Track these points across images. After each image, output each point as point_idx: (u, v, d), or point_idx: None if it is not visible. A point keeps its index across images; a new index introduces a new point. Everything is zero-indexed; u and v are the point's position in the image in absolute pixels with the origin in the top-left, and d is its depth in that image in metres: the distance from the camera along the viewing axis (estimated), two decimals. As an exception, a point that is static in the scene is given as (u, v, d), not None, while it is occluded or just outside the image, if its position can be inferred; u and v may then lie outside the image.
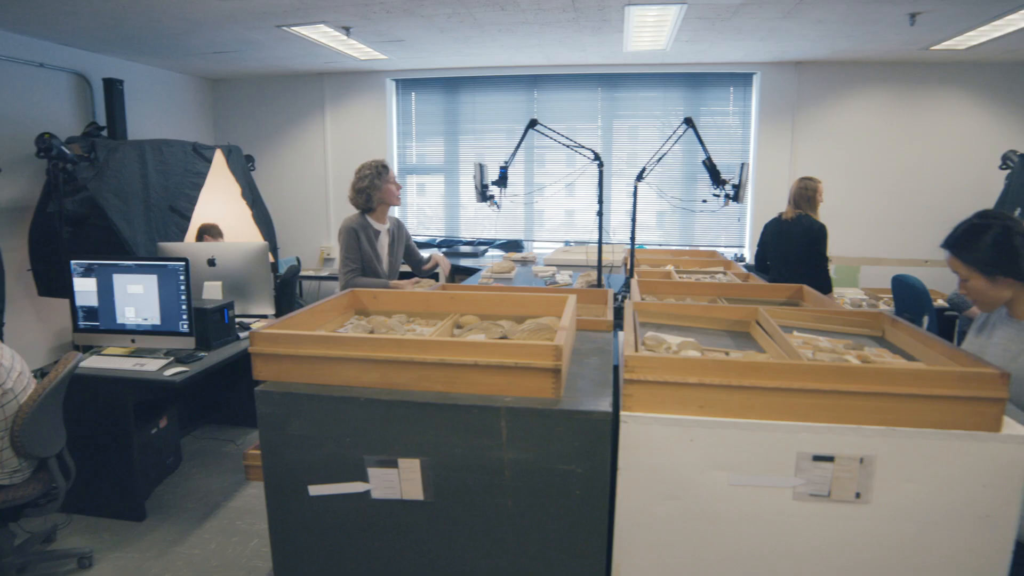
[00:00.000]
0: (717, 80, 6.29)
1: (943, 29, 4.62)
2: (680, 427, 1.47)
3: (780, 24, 4.57)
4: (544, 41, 5.20)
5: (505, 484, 1.55)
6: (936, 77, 5.93)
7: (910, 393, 1.43)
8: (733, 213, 6.31)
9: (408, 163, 7.07)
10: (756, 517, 1.52)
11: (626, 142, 6.59)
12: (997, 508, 1.50)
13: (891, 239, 6.15)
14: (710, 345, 1.82)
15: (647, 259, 3.89)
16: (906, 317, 4.41)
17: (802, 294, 2.48)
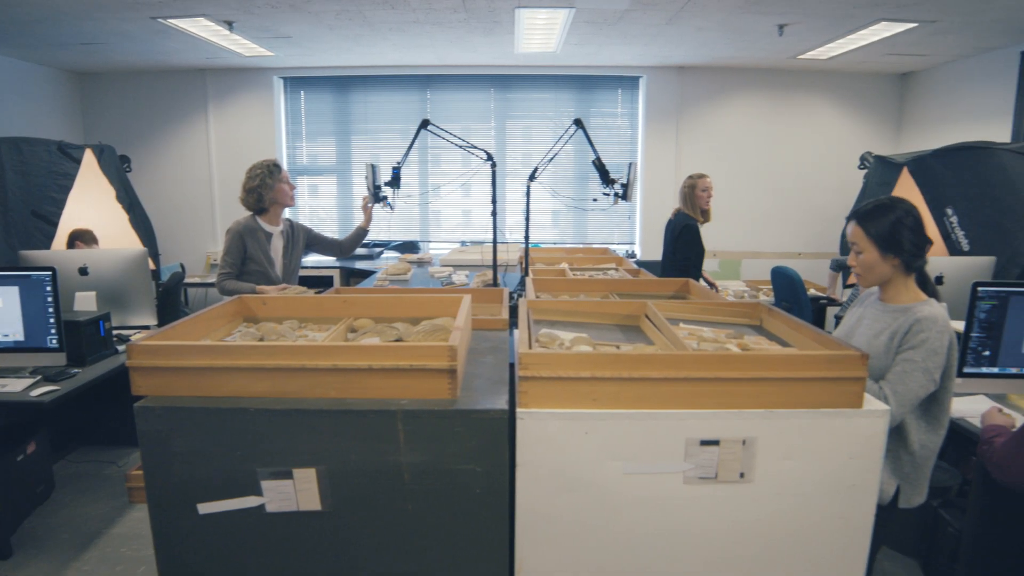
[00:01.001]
0: (606, 82, 6.49)
1: (808, 40, 4.98)
2: (575, 421, 1.50)
3: (663, 30, 4.78)
4: (436, 41, 5.18)
5: (404, 488, 1.53)
6: (804, 84, 6.39)
7: (785, 377, 1.53)
8: (624, 211, 6.53)
9: (299, 164, 6.84)
10: (650, 503, 1.58)
11: (520, 142, 6.69)
12: (862, 477, 1.63)
13: (769, 234, 6.58)
14: (602, 340, 1.87)
15: (542, 257, 3.96)
16: (783, 306, 4.73)
17: (688, 288, 2.60)
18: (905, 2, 3.89)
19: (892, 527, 2.05)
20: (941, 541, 2.77)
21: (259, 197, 3.36)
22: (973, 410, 2.62)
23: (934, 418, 1.96)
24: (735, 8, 4.15)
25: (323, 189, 6.92)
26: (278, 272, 3.46)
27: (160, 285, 4.74)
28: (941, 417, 1.96)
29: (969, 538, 2.56)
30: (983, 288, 2.74)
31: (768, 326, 2.06)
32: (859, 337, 2.05)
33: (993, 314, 2.76)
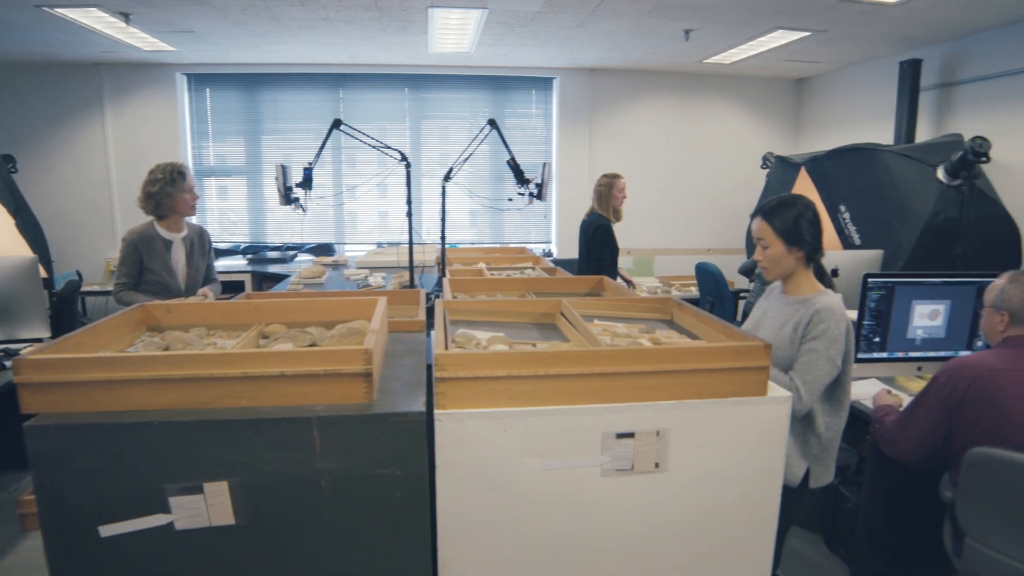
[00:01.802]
0: (520, 83, 6.55)
1: (712, 45, 5.20)
2: (493, 420, 1.51)
3: (575, 32, 4.87)
4: (348, 39, 5.09)
5: (322, 496, 1.50)
6: (710, 87, 6.67)
7: (694, 369, 1.60)
8: (540, 211, 6.62)
9: (206, 164, 6.56)
10: (569, 497, 1.61)
11: (436, 143, 6.66)
12: (768, 461, 1.72)
13: (680, 231, 6.82)
14: (519, 338, 1.89)
15: (460, 258, 3.96)
16: (708, 299, 4.93)
17: (603, 285, 2.67)
18: (799, 12, 4.12)
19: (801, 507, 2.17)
20: (841, 516, 2.95)
21: (158, 203, 3.15)
22: (866, 393, 2.81)
23: (837, 402, 2.09)
24: (643, 13, 4.28)
25: (233, 191, 6.67)
26: (180, 282, 3.26)
27: (54, 294, 4.45)
28: (843, 400, 2.09)
29: (865, 511, 2.74)
30: (872, 279, 2.94)
31: (679, 320, 2.14)
32: (765, 329, 2.15)
33: (882, 303, 2.96)
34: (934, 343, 3.05)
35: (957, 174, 3.76)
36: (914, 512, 2.71)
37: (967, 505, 2.06)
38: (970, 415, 2.08)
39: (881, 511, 2.74)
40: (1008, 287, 2.19)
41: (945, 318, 3.03)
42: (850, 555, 2.87)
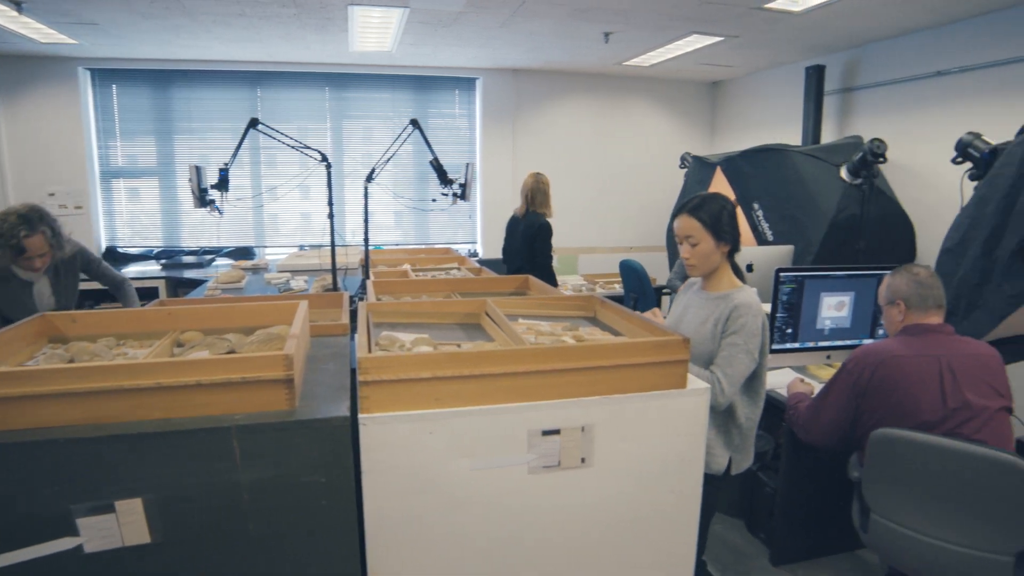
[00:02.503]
0: (444, 83, 6.53)
1: (631, 48, 5.32)
2: (419, 422, 1.51)
3: (497, 33, 4.89)
4: (265, 36, 4.94)
5: (244, 508, 1.46)
6: (630, 89, 6.83)
7: (617, 364, 1.63)
8: (465, 211, 6.61)
9: (113, 165, 6.23)
10: (498, 496, 1.62)
11: (358, 143, 6.55)
12: (689, 451, 1.79)
13: (603, 229, 6.96)
14: (444, 339, 1.89)
15: (384, 259, 3.92)
16: (632, 296, 5.04)
17: (528, 284, 2.69)
18: (712, 18, 4.28)
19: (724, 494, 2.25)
20: (760, 500, 3.08)
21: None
22: (780, 382, 2.94)
23: (754, 392, 2.18)
24: (564, 15, 4.34)
25: (144, 193, 6.36)
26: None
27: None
28: (760, 390, 2.18)
29: (782, 494, 2.88)
30: (784, 274, 3.09)
31: (602, 317, 2.19)
32: (687, 325, 2.21)
33: (793, 296, 3.11)
34: (841, 332, 3.23)
35: (858, 174, 3.99)
36: (826, 493, 2.87)
37: (872, 483, 2.19)
38: (875, 399, 2.22)
39: (797, 493, 2.88)
40: (895, 280, 2.35)
41: (850, 309, 3.21)
42: (770, 537, 3.00)
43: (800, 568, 2.91)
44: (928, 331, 2.27)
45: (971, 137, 2.95)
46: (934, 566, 2.09)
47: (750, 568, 2.90)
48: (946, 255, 2.77)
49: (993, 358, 2.26)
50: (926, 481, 2.05)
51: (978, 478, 1.96)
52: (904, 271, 2.35)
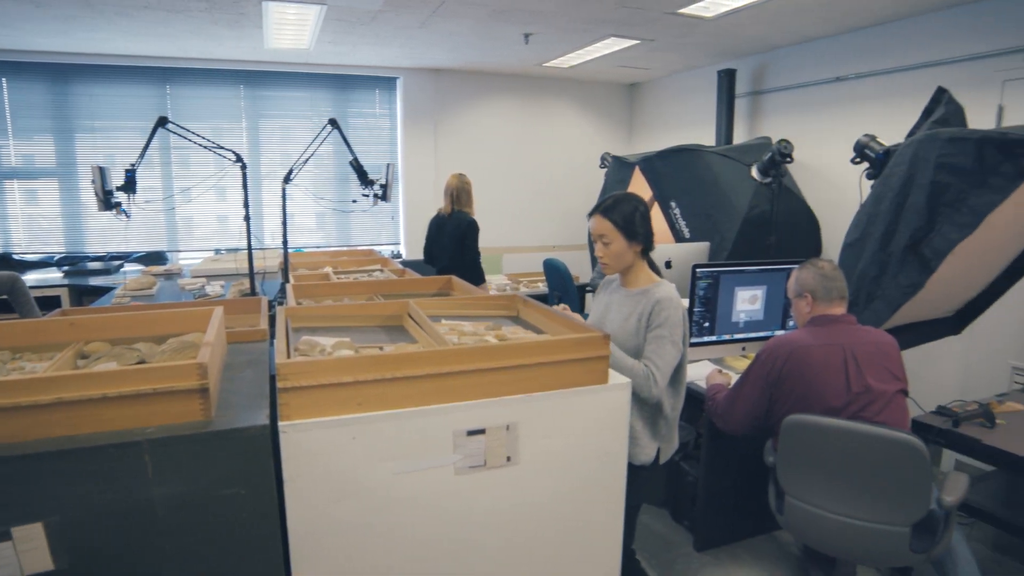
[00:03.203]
0: (364, 82, 6.42)
1: (551, 50, 5.39)
2: (341, 427, 1.48)
3: (417, 33, 4.85)
4: (174, 30, 4.73)
5: (159, 526, 1.39)
6: (551, 90, 6.91)
7: (539, 362, 1.66)
8: (388, 212, 6.53)
9: (7, 165, 5.81)
10: (424, 499, 1.61)
11: (277, 143, 6.36)
12: (612, 445, 1.83)
13: (526, 229, 7.01)
14: (366, 342, 1.87)
15: (305, 262, 3.83)
16: (555, 295, 5.10)
17: (451, 285, 2.69)
18: (629, 22, 4.38)
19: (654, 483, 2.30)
20: (683, 489, 3.18)
21: None
22: (699, 374, 3.05)
23: (678, 383, 2.22)
24: (484, 16, 4.35)
25: (43, 195, 5.96)
26: None
27: None
28: (683, 380, 2.24)
29: (703, 482, 2.98)
30: (700, 269, 3.20)
31: (524, 316, 2.21)
32: (611, 322, 2.25)
33: (709, 291, 3.23)
34: (755, 325, 3.38)
35: (768, 173, 4.18)
36: (745, 479, 2.99)
37: (785, 467, 2.30)
38: (786, 387, 2.33)
39: (717, 481, 3.00)
40: (802, 274, 2.48)
41: (763, 302, 3.36)
42: (693, 524, 3.10)
43: (722, 552, 3.03)
44: (833, 321, 2.40)
45: (867, 139, 3.14)
46: (842, 541, 2.22)
47: (675, 555, 2.99)
48: (848, 249, 2.94)
49: (891, 345, 2.41)
50: (833, 462, 2.17)
51: (879, 457, 2.09)
52: (810, 265, 2.48)
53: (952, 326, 3.45)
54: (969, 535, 3.11)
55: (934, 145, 2.58)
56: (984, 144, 2.42)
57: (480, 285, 4.56)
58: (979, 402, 2.96)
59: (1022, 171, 2.33)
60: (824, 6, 3.97)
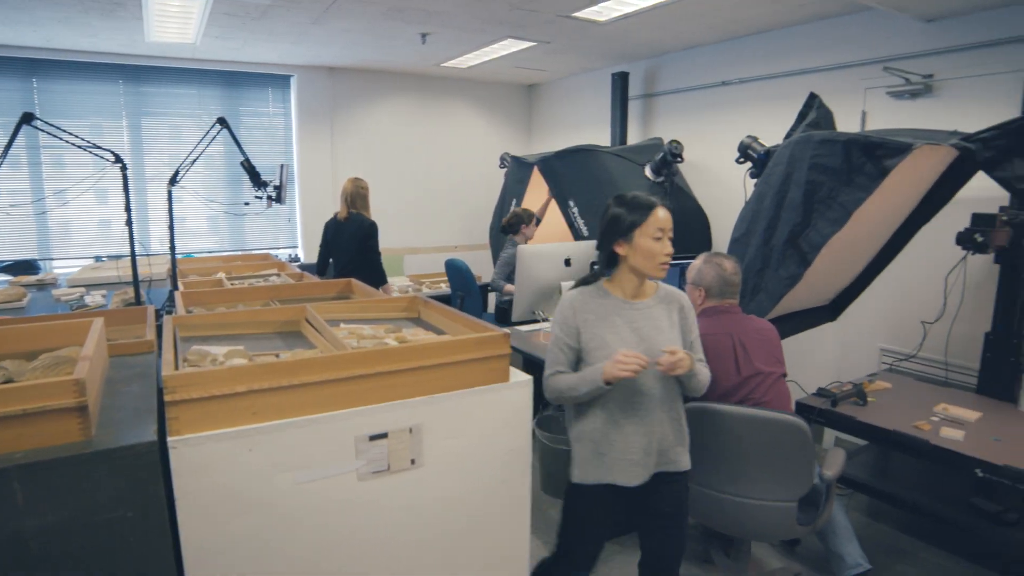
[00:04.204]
0: (256, 80, 6.18)
1: (449, 50, 5.38)
2: (236, 439, 1.43)
3: (310, 30, 4.72)
4: (38, 19, 4.37)
5: (33, 560, 1.29)
6: (449, 90, 6.90)
7: (441, 363, 1.66)
8: (284, 214, 6.32)
9: None
10: (328, 507, 1.58)
11: (163, 142, 6.01)
12: (516, 441, 1.86)
13: (427, 230, 6.97)
14: (261, 350, 1.81)
15: (196, 268, 3.65)
16: (458, 295, 5.09)
17: (351, 288, 2.64)
18: (525, 24, 4.44)
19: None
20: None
21: None
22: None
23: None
24: (379, 14, 4.29)
25: None
26: None
27: None
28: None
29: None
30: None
31: (426, 317, 2.21)
32: (659, 336, 2.01)
33: (606, 288, 3.32)
34: (650, 319, 3.50)
35: (660, 172, 4.36)
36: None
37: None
38: (684, 376, 2.44)
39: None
40: (703, 267, 2.60)
41: (657, 297, 3.49)
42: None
43: (629, 539, 3.12)
44: (723, 312, 2.54)
45: (750, 140, 3.34)
46: (737, 520, 2.36)
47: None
48: (735, 244, 3.11)
49: (772, 332, 2.59)
50: (727, 446, 2.30)
51: (768, 439, 2.23)
52: (714, 262, 2.58)
53: (828, 313, 3.73)
54: (848, 505, 3.37)
55: (808, 146, 2.77)
56: (850, 146, 2.62)
57: (383, 287, 4.50)
58: (853, 383, 3.21)
59: (883, 170, 2.54)
60: (709, 14, 4.18)
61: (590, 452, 1.99)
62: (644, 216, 1.95)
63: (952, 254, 3.18)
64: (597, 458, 1.98)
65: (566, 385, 1.96)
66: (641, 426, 1.96)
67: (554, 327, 2.04)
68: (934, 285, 3.52)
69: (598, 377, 1.87)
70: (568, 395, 1.97)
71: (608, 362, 1.85)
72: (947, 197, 3.16)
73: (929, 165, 2.97)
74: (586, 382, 1.91)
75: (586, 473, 1.99)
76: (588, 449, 2.00)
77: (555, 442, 3.42)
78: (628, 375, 1.81)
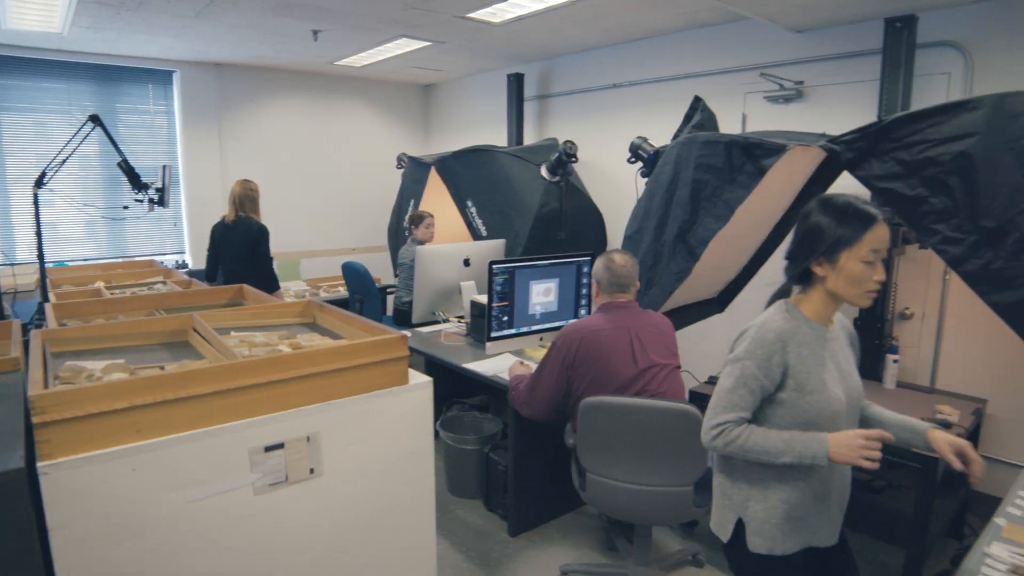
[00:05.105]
0: (134, 75, 5.78)
1: (342, 48, 5.26)
2: (118, 460, 1.34)
3: (193, 23, 4.48)
4: None
5: None
6: (344, 89, 6.74)
7: (337, 368, 1.62)
8: (169, 218, 5.97)
9: None
10: (223, 525, 1.51)
11: (28, 141, 5.53)
12: (418, 444, 1.85)
13: (323, 232, 6.76)
14: (146, 363, 1.70)
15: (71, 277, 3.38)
16: (357, 298, 4.99)
17: (243, 294, 2.54)
18: (419, 23, 4.41)
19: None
20: (495, 479, 3.29)
21: None
22: (502, 367, 3.17)
23: None
24: (267, 9, 4.13)
25: None
26: None
27: None
28: None
29: (512, 470, 3.10)
30: (496, 265, 3.32)
31: (321, 322, 2.15)
32: (856, 376, 1.72)
33: (506, 286, 3.36)
34: (550, 315, 3.58)
35: (556, 172, 4.44)
36: (551, 462, 3.16)
37: (584, 446, 2.47)
38: (581, 370, 2.51)
39: (526, 467, 3.13)
40: (597, 263, 2.69)
41: (556, 293, 3.58)
42: (506, 512, 3.21)
43: (535, 534, 3.18)
44: (619, 307, 2.62)
45: (640, 140, 3.47)
46: (637, 507, 2.44)
47: (491, 544, 3.08)
48: (628, 241, 3.22)
49: (667, 325, 2.70)
50: (625, 437, 2.37)
51: (663, 428, 2.32)
52: (606, 258, 2.68)
53: (717, 305, 3.93)
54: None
55: (693, 147, 2.91)
56: (731, 147, 2.78)
57: (275, 292, 4.35)
58: (740, 370, 3.40)
59: (761, 169, 2.70)
60: (600, 18, 4.30)
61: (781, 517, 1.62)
62: (857, 233, 1.54)
63: (824, 247, 3.42)
64: (791, 523, 1.62)
65: (759, 447, 1.54)
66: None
67: (744, 361, 1.58)
68: (809, 276, 3.78)
69: (821, 453, 1.49)
70: (758, 457, 1.55)
71: (844, 443, 1.47)
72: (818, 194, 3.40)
73: (802, 165, 3.19)
74: (795, 452, 1.51)
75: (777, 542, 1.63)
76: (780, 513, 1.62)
77: (459, 442, 3.42)
78: (868, 465, 1.45)
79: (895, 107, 3.40)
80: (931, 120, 2.33)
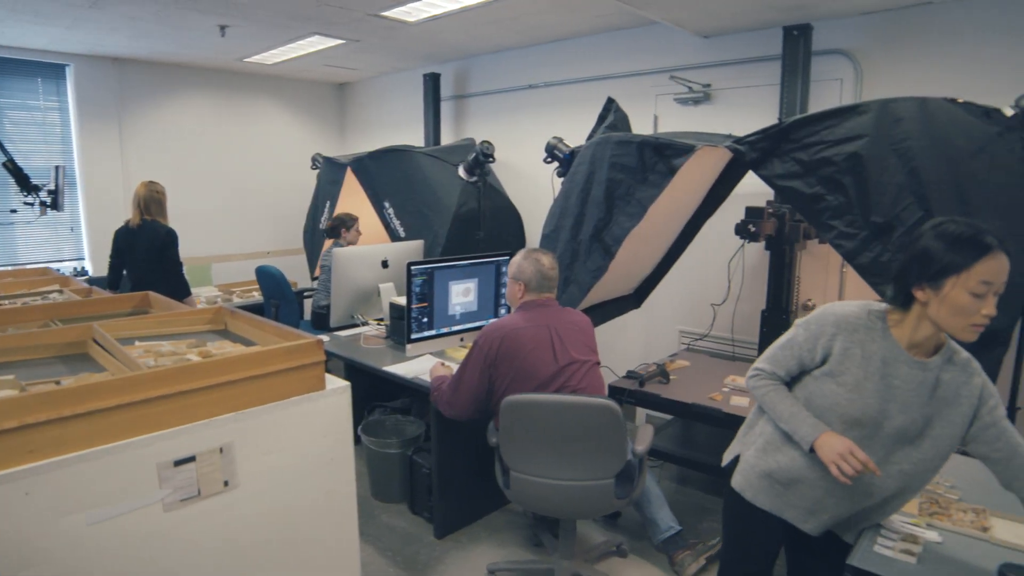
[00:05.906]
0: (22, 68, 5.38)
1: (252, 45, 5.08)
2: (7, 484, 1.25)
3: (88, 14, 4.22)
4: None
5: None
6: (255, 87, 6.51)
7: (249, 376, 1.57)
8: (65, 223, 5.60)
9: None
10: (130, 546, 1.44)
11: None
12: (337, 450, 1.81)
13: (235, 235, 6.50)
14: (38, 378, 1.59)
15: (-48, 288, 3.12)
16: (272, 303, 4.83)
17: (149, 301, 2.42)
18: (332, 21, 4.31)
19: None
20: (419, 481, 3.27)
21: None
22: (423, 368, 3.15)
23: None
24: (169, 1, 3.94)
25: None
26: None
27: None
28: None
29: (437, 472, 3.09)
30: (415, 267, 3.30)
31: (233, 328, 2.08)
32: (938, 431, 1.63)
33: (425, 287, 3.35)
34: (470, 316, 3.59)
35: (473, 172, 4.45)
36: (475, 462, 3.17)
37: (506, 444, 2.49)
38: (503, 368, 2.52)
39: (450, 468, 3.13)
40: (523, 262, 2.70)
41: (476, 293, 3.58)
42: (432, 514, 3.19)
43: (462, 535, 3.17)
44: (540, 306, 2.65)
45: (556, 141, 3.52)
46: (561, 502, 2.48)
47: (418, 547, 3.06)
48: (545, 240, 3.26)
49: (586, 323, 2.76)
50: (546, 433, 2.40)
51: (583, 422, 2.36)
52: (533, 258, 2.67)
53: (633, 301, 4.04)
54: (659, 476, 3.68)
55: (607, 147, 2.98)
56: (643, 147, 2.86)
57: (186, 299, 4.16)
58: (657, 363, 3.52)
59: (672, 169, 2.80)
60: (514, 20, 4.33)
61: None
62: (968, 262, 1.45)
63: (732, 243, 3.57)
64: (768, 481, 1.81)
65: (771, 405, 1.72)
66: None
67: (801, 328, 1.70)
68: (720, 271, 3.94)
69: (808, 438, 1.62)
70: (769, 412, 1.75)
71: (832, 443, 1.56)
72: (725, 193, 3.57)
73: (710, 164, 3.32)
74: (792, 424, 1.67)
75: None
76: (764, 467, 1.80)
77: (382, 446, 3.38)
78: (835, 474, 1.54)
79: (794, 110, 3.59)
80: (825, 123, 2.48)
